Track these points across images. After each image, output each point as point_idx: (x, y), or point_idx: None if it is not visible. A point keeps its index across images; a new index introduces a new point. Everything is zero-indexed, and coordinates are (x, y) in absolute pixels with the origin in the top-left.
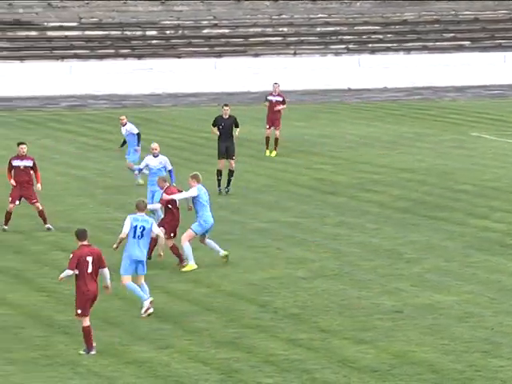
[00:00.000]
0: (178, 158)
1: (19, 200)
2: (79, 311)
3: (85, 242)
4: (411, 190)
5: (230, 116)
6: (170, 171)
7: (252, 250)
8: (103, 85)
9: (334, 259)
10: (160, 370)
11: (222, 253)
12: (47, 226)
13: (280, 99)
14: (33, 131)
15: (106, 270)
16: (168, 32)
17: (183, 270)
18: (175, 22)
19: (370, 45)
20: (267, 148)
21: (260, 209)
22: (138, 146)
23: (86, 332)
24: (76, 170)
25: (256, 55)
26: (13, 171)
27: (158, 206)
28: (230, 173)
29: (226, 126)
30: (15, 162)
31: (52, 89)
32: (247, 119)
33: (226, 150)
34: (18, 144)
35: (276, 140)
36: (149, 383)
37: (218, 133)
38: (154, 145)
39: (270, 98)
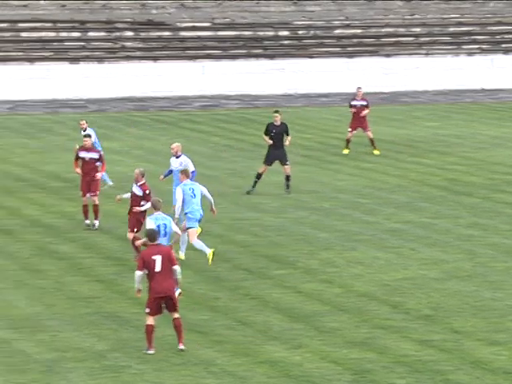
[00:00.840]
0: (310, 159)
1: (89, 192)
2: (147, 310)
3: (155, 243)
4: None
5: (281, 123)
6: (192, 172)
7: (385, 251)
8: (235, 85)
9: (467, 260)
10: (292, 369)
11: (182, 255)
12: (96, 222)
13: (364, 103)
14: (165, 131)
15: (176, 268)
16: (300, 32)
17: (211, 260)
18: (307, 23)
19: (503, 45)
20: (347, 148)
21: (392, 209)
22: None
23: (148, 331)
24: (208, 170)
25: (388, 55)
26: (80, 163)
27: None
28: (287, 177)
29: (277, 134)
30: (81, 154)
31: (185, 89)
32: (378, 119)
33: (276, 157)
34: (84, 136)
35: (372, 140)
36: (281, 383)
37: (271, 141)
38: (173, 145)
39: (354, 103)
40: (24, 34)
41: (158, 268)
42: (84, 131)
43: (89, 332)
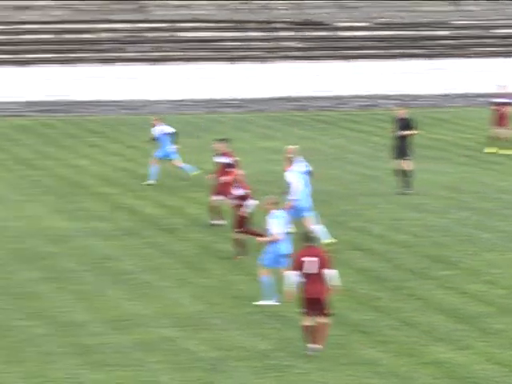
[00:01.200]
0: (471, 159)
1: (220, 195)
2: (302, 310)
3: (310, 245)
4: None
5: (405, 118)
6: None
7: None
8: (394, 85)
9: None
10: (458, 371)
11: (328, 240)
12: (220, 222)
13: (507, 101)
14: (325, 131)
15: (329, 272)
16: (459, 32)
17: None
18: (465, 22)
19: None
20: (496, 146)
21: None
22: (175, 144)
23: (304, 331)
24: (368, 170)
25: None
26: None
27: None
28: (404, 173)
29: (399, 127)
30: (215, 159)
31: (343, 89)
32: None
33: (398, 151)
34: (215, 140)
35: (502, 139)
36: None
37: (393, 133)
38: (289, 148)
39: (495, 100)
40: (183, 34)
41: (309, 270)
42: (155, 127)
43: (252, 331)
